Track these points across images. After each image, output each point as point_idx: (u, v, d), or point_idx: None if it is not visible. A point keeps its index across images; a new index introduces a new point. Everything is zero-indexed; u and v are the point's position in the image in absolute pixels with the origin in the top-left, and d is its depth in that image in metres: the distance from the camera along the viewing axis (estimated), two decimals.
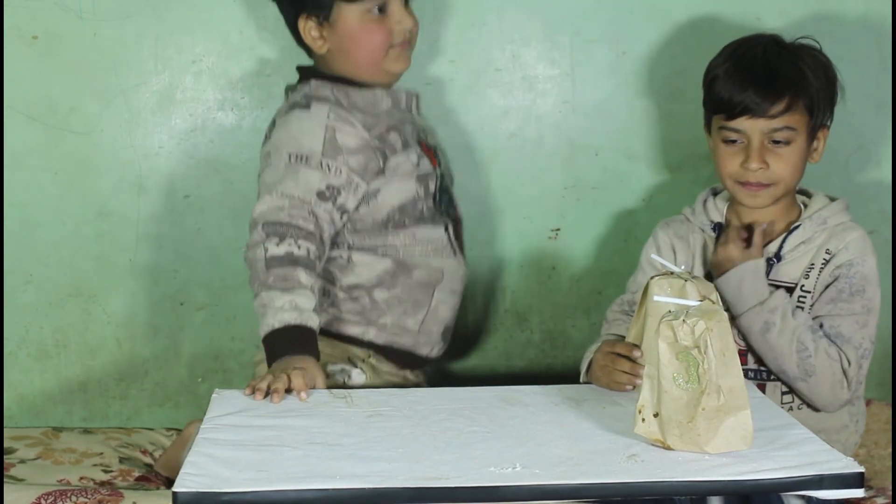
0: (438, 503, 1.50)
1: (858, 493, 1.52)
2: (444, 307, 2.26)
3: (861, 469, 1.51)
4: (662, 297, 1.71)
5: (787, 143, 2.06)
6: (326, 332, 2.11)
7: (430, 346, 2.26)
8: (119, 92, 2.47)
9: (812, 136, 2.11)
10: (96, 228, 2.50)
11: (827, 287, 2.08)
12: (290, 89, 2.26)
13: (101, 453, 2.29)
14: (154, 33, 2.45)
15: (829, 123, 2.15)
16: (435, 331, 2.26)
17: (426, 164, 2.23)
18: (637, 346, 1.86)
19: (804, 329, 2.02)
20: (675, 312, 1.61)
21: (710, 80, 2.12)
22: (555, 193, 2.58)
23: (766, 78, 2.05)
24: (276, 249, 2.03)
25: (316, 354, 1.99)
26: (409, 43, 2.22)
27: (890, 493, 2.09)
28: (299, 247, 2.04)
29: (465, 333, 2.62)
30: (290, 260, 2.02)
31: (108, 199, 2.50)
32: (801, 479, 1.51)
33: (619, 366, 1.89)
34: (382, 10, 2.17)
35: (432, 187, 2.23)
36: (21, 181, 2.47)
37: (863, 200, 2.58)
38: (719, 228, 2.16)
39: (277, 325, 1.98)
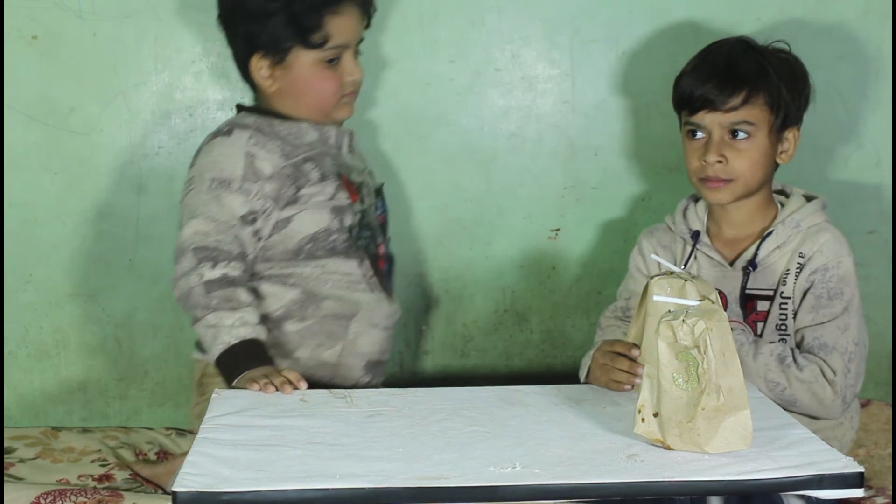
0: (438, 503, 1.50)
1: (858, 492, 1.52)
2: (365, 340, 2.22)
3: (861, 469, 1.51)
4: (662, 297, 1.71)
5: (747, 136, 2.07)
6: None
7: (352, 379, 2.23)
8: (119, 92, 2.47)
9: (777, 135, 2.11)
10: (96, 228, 2.50)
11: (805, 294, 2.08)
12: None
13: (99, 450, 2.29)
14: (154, 33, 2.45)
15: (798, 125, 2.14)
16: (356, 364, 2.23)
17: (343, 198, 2.21)
18: (636, 346, 1.86)
19: (772, 365, 2.01)
20: (674, 312, 1.61)
21: (677, 78, 2.15)
22: (555, 193, 2.59)
23: (726, 73, 2.08)
24: (211, 273, 2.05)
25: (272, 364, 2.03)
26: (355, 93, 2.27)
27: (890, 493, 2.09)
28: (233, 268, 2.08)
29: (463, 334, 2.63)
30: (228, 281, 2.06)
31: (108, 199, 2.50)
32: (800, 479, 1.51)
33: (618, 364, 1.90)
34: (336, 60, 2.20)
35: (348, 221, 2.21)
36: (21, 181, 2.47)
37: (863, 200, 2.58)
38: (697, 236, 2.17)
39: (234, 341, 2.02)
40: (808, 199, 2.17)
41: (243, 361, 2.01)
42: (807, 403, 2.02)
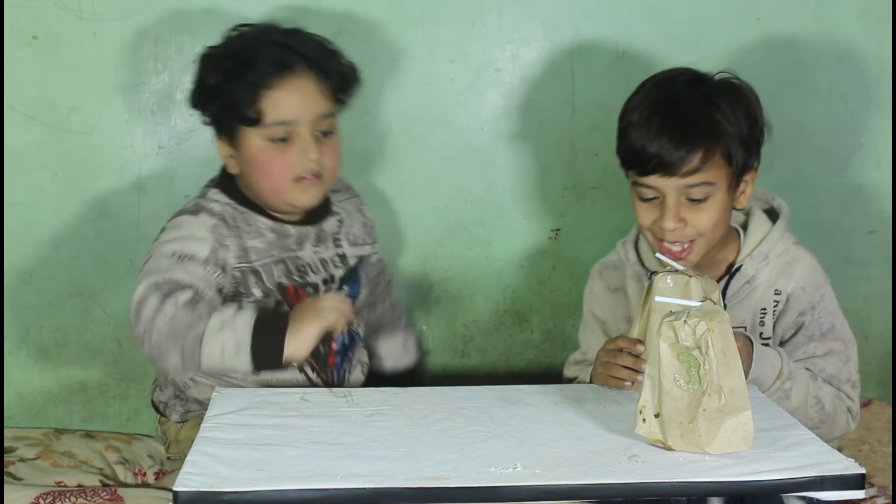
0: (439, 503, 1.50)
1: (859, 494, 1.52)
2: None
3: (862, 470, 1.51)
4: (664, 298, 1.71)
5: (705, 198, 1.93)
6: None
7: None
8: (119, 92, 2.47)
9: (736, 183, 1.96)
10: (96, 228, 2.50)
11: (795, 332, 2.01)
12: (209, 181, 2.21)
13: (101, 468, 2.29)
14: (154, 33, 2.45)
15: (756, 165, 2.00)
16: None
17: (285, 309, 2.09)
18: (640, 342, 1.84)
19: (812, 381, 1.96)
20: (676, 313, 1.61)
21: (623, 128, 2.00)
22: (555, 193, 2.59)
23: (679, 130, 1.90)
24: (184, 297, 1.94)
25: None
26: (321, 177, 2.09)
27: (890, 493, 2.09)
28: (196, 291, 1.97)
29: (463, 334, 2.63)
30: (201, 295, 1.97)
31: (108, 199, 2.50)
32: (801, 480, 1.51)
33: (621, 361, 1.87)
34: (288, 138, 2.07)
35: None
36: (21, 181, 2.46)
37: (863, 200, 2.58)
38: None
39: (252, 317, 1.93)
40: (768, 210, 2.08)
41: (277, 327, 1.92)
42: (837, 419, 1.98)
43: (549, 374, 2.62)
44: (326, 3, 2.47)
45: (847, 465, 1.53)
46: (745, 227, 2.07)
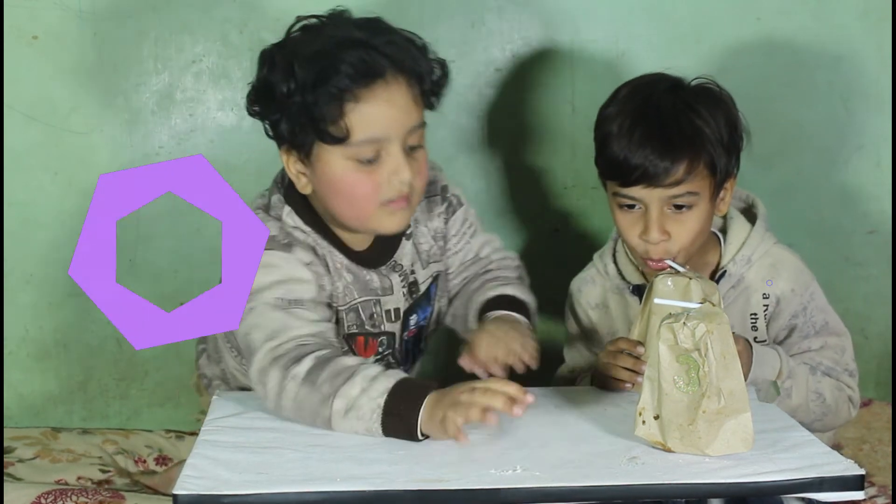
0: None
1: (859, 495, 1.52)
2: None
3: (861, 471, 1.51)
4: (664, 300, 1.71)
5: (689, 207, 1.90)
6: None
7: None
8: (119, 92, 2.46)
9: (717, 191, 1.93)
10: None
11: (788, 334, 2.02)
12: (274, 188, 1.96)
13: (100, 456, 2.29)
14: (154, 33, 2.45)
15: (735, 172, 1.96)
16: None
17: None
18: (640, 343, 1.84)
19: (811, 376, 1.97)
20: (675, 315, 1.61)
21: (601, 138, 1.93)
22: (555, 193, 2.59)
23: (662, 140, 1.86)
24: (301, 367, 1.71)
25: (433, 385, 1.69)
26: (409, 199, 1.83)
27: (890, 492, 2.09)
28: (321, 349, 1.74)
29: None
30: (324, 361, 1.71)
31: None
32: (801, 482, 1.51)
33: (621, 362, 1.86)
34: (374, 158, 1.79)
35: None
36: (21, 181, 2.46)
37: (863, 200, 2.58)
38: (640, 291, 2.01)
39: (381, 398, 1.65)
40: (744, 210, 2.07)
41: (410, 408, 1.64)
42: (838, 410, 1.99)
43: (549, 375, 2.62)
44: (325, 2, 2.47)
45: (846, 466, 1.53)
46: (723, 230, 2.06)
